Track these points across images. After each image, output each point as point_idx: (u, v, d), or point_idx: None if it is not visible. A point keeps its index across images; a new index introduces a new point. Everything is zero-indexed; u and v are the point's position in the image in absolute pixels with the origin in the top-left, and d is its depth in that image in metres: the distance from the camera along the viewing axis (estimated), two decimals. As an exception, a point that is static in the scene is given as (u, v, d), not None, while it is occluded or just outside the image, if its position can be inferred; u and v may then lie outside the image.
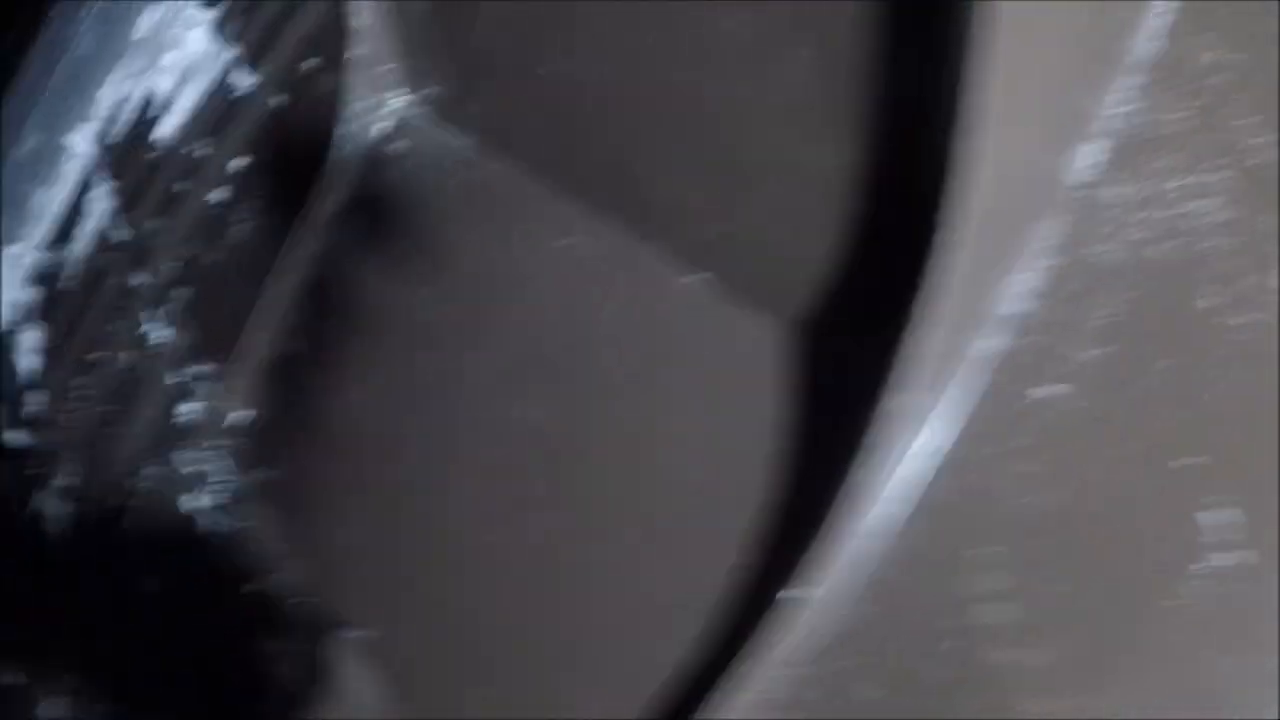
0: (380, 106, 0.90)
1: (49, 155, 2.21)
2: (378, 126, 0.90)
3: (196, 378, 1.11)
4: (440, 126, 0.82)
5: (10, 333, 1.77)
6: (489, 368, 0.71)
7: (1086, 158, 0.63)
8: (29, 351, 1.65)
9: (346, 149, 0.91)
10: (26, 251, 1.95)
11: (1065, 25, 0.57)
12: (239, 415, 0.96)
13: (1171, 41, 0.70)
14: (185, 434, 1.09)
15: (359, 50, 0.89)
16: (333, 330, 0.83)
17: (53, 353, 1.54)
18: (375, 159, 0.87)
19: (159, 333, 1.30)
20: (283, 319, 0.89)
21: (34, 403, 1.52)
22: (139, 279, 1.38)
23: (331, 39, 1.18)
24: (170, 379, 1.15)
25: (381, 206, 0.86)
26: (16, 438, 1.48)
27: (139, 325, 1.36)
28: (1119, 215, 0.63)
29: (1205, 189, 0.63)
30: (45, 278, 1.69)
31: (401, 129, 0.87)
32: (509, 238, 0.72)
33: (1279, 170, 0.64)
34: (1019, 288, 0.49)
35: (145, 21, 1.85)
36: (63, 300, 1.57)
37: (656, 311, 0.64)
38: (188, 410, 1.11)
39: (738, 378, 0.62)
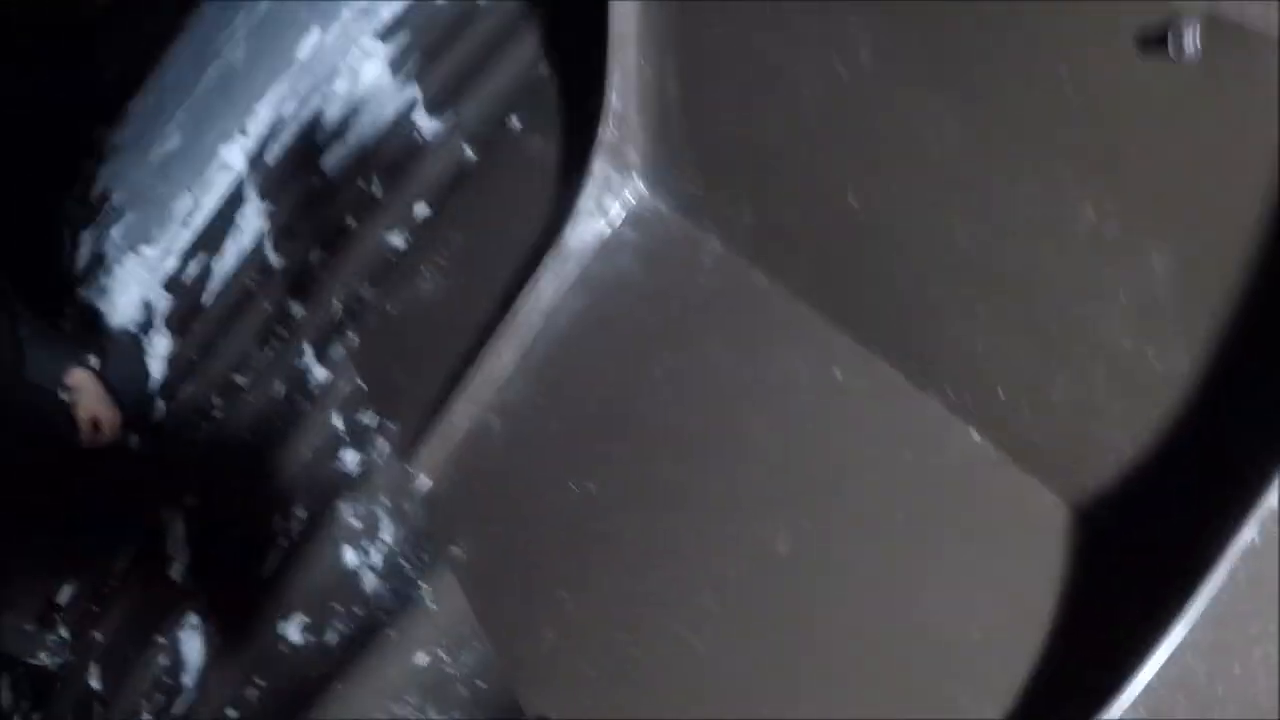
0: (617, 190, 0.88)
1: (195, 159, 2.22)
2: (613, 210, 0.87)
3: (368, 429, 1.09)
4: (687, 223, 0.80)
5: (139, 335, 1.78)
6: (732, 481, 0.69)
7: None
8: (158, 358, 1.65)
9: (573, 227, 0.89)
10: (165, 255, 1.96)
11: None
12: (419, 480, 0.92)
13: None
14: (349, 484, 1.07)
15: (603, 128, 0.87)
16: (555, 417, 0.80)
17: (185, 365, 1.53)
18: (609, 243, 0.85)
19: (321, 371, 1.27)
20: (493, 392, 0.86)
21: (160, 411, 1.51)
22: (299, 310, 1.36)
23: (535, 101, 1.16)
24: (336, 422, 1.15)
25: (617, 295, 0.82)
26: (139, 443, 1.47)
27: (298, 358, 1.34)
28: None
29: None
30: (184, 287, 1.69)
31: (638, 218, 0.85)
32: (769, 352, 0.70)
33: None
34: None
35: (309, 42, 1.87)
36: (204, 314, 1.56)
37: (928, 462, 0.62)
38: (354, 460, 1.09)
39: (1007, 546, 0.59)
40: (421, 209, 1.19)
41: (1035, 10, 0.52)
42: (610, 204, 0.85)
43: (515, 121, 1.10)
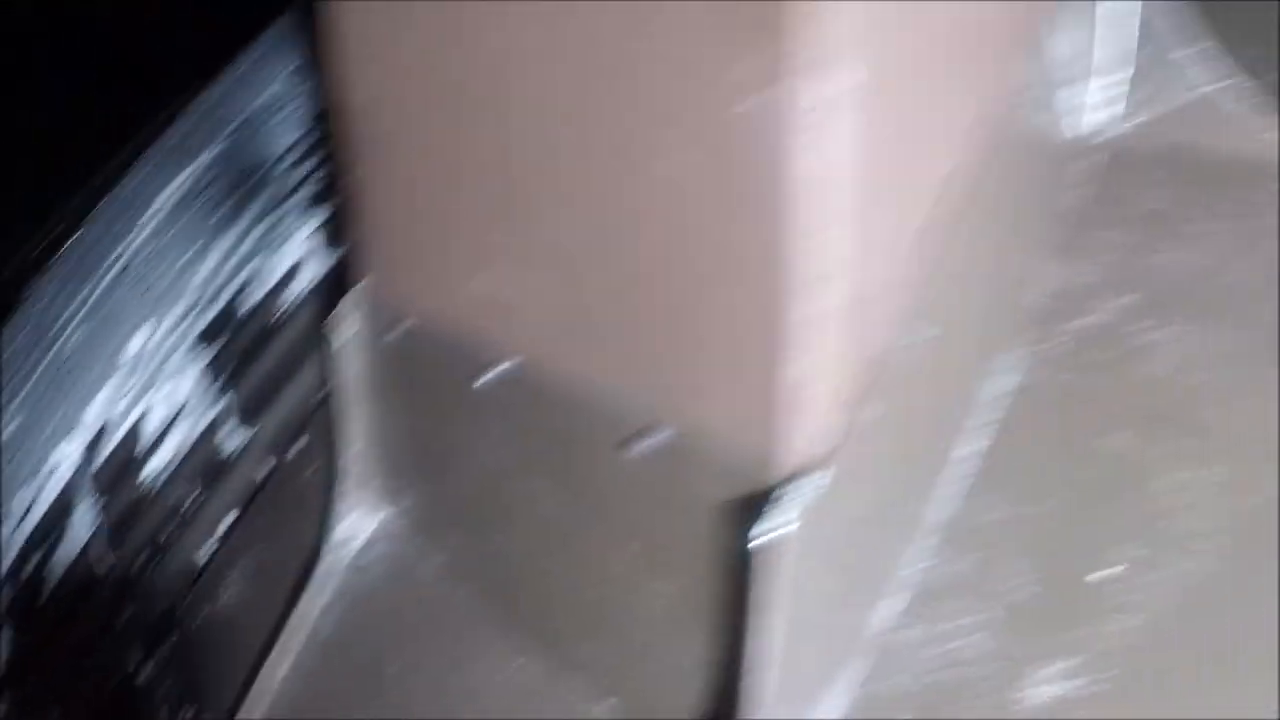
0: (367, 511, 1.09)
1: (31, 450, 2.35)
2: (364, 530, 1.09)
3: (188, 730, 1.29)
4: (414, 542, 1.02)
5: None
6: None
7: (895, 606, 0.86)
8: (-5, 647, 1.74)
9: (331, 543, 1.09)
10: (7, 549, 2.05)
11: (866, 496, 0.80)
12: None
13: (960, 503, 0.94)
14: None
15: (347, 458, 1.09)
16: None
17: (16, 664, 1.63)
18: (355, 564, 1.06)
19: (148, 674, 1.40)
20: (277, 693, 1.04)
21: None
22: (124, 615, 1.50)
23: (322, 424, 1.38)
24: (162, 720, 1.34)
25: (353, 613, 1.03)
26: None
27: (126, 664, 1.46)
28: (916, 650, 0.85)
29: (987, 623, 0.86)
30: (20, 584, 1.80)
31: (381, 537, 1.07)
32: (461, 662, 0.91)
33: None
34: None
35: (138, 339, 2.05)
36: (37, 614, 1.68)
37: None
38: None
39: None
40: (229, 517, 1.37)
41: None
42: (359, 523, 1.07)
43: (306, 438, 1.32)
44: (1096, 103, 1.18)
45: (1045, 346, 1.01)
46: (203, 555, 1.40)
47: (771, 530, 0.61)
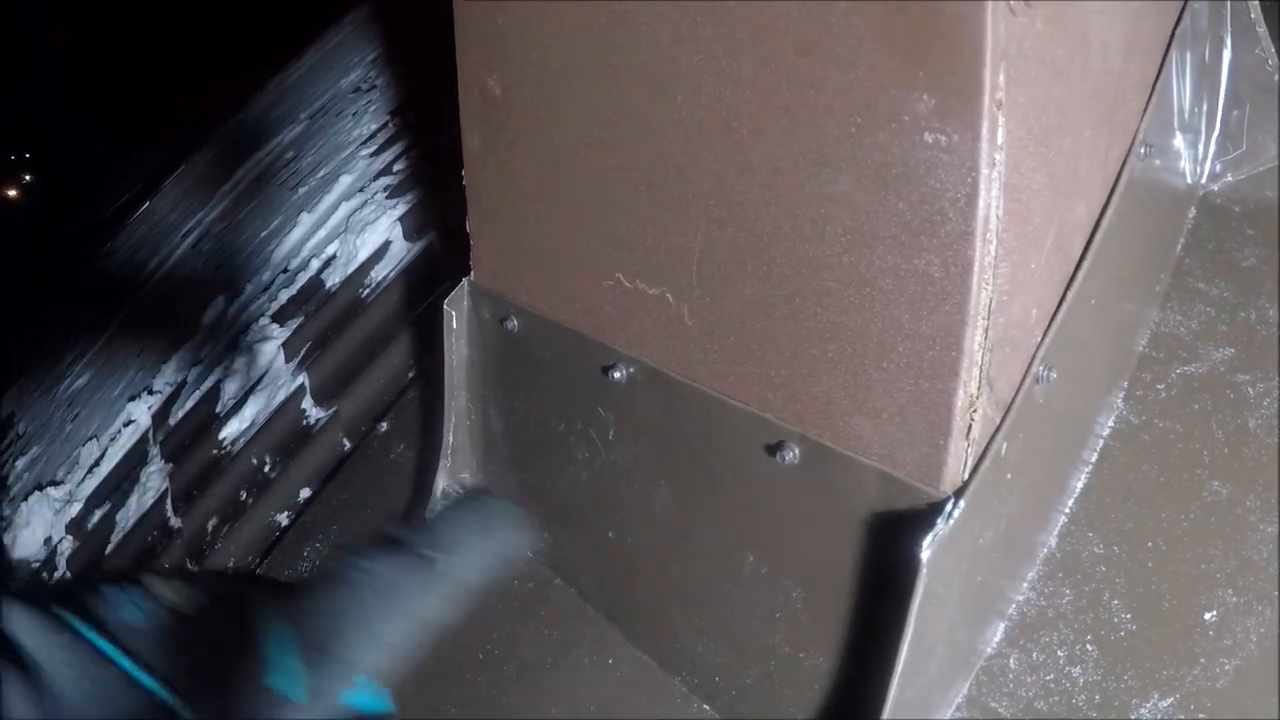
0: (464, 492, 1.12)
1: (102, 406, 2.40)
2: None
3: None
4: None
5: (40, 571, 1.90)
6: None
7: (997, 633, 0.89)
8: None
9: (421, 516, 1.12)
10: (70, 499, 2.10)
11: (999, 524, 0.81)
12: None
13: (1060, 539, 0.96)
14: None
15: (446, 441, 1.12)
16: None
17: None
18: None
19: None
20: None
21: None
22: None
23: (401, 411, 1.41)
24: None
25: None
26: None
27: None
28: (1015, 677, 0.87)
29: (1082, 656, 0.88)
30: (88, 533, 1.84)
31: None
32: (555, 653, 0.93)
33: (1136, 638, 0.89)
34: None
35: (216, 306, 2.10)
36: (104, 563, 1.71)
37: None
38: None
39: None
40: (305, 492, 1.41)
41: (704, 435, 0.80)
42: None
43: (384, 425, 1.35)
44: (1203, 155, 1.20)
45: (1147, 392, 1.03)
46: (279, 523, 1.43)
47: (924, 546, 0.63)
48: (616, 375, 0.86)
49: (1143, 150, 0.96)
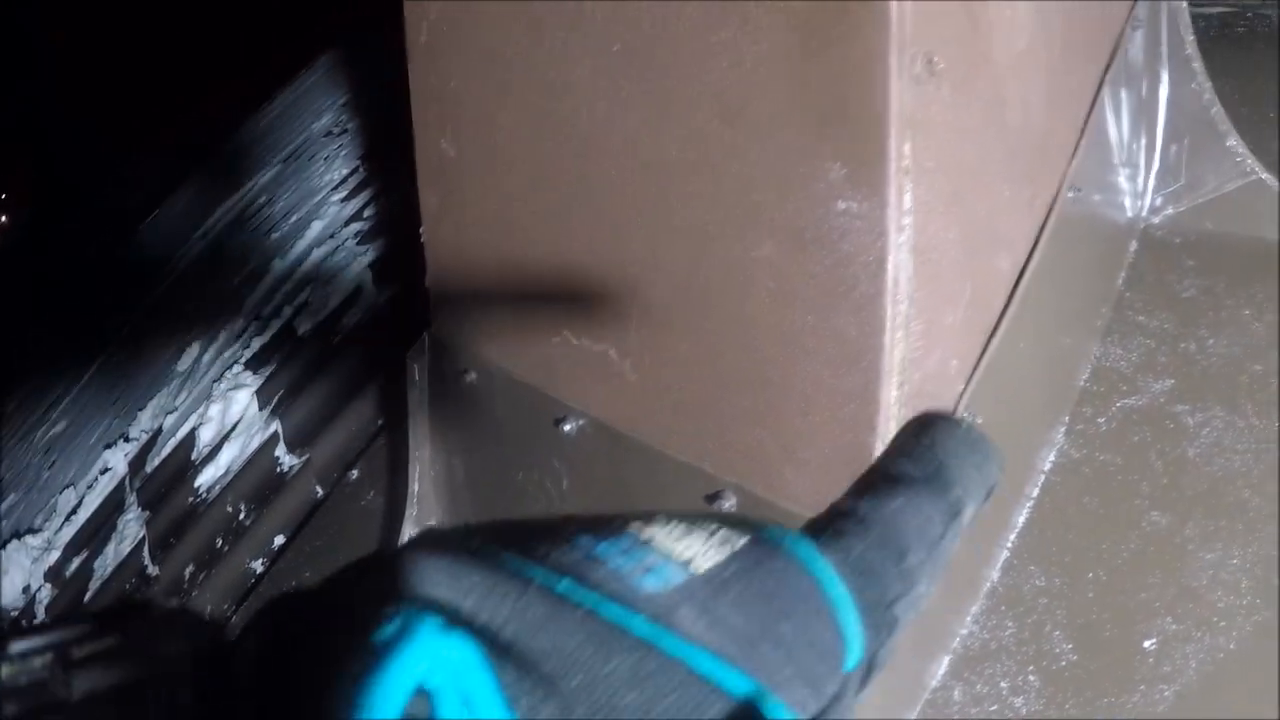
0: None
1: (79, 453, 2.42)
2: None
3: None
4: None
5: (18, 619, 1.91)
6: None
7: (941, 666, 0.91)
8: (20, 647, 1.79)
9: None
10: (48, 547, 2.11)
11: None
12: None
13: (1003, 573, 0.99)
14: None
15: (411, 489, 1.14)
16: None
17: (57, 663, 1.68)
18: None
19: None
20: None
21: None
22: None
23: (372, 458, 1.43)
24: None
25: None
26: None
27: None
28: (959, 709, 0.90)
29: (1024, 687, 0.91)
30: (66, 581, 1.85)
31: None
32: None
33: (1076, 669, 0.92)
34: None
35: (191, 353, 2.11)
36: (83, 610, 1.72)
37: None
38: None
39: None
40: (279, 539, 1.43)
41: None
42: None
43: (355, 472, 1.37)
44: (1143, 189, 1.24)
45: (1087, 426, 1.06)
46: (254, 570, 1.45)
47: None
48: (567, 428, 0.88)
49: (1070, 194, 0.99)
